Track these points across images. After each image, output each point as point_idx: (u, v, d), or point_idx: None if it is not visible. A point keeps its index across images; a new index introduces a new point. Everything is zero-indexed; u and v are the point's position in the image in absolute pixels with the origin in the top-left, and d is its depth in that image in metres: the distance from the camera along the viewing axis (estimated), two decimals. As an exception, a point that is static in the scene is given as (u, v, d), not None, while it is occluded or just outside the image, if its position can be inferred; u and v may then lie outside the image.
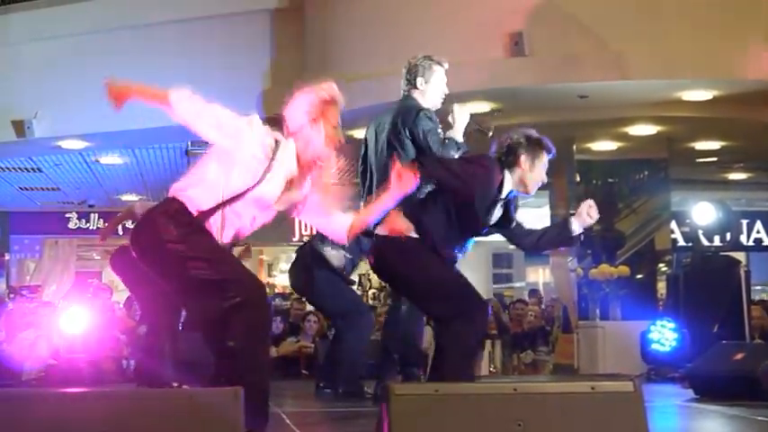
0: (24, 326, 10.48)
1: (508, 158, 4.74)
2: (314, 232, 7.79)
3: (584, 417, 3.17)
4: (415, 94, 5.93)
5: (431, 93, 5.95)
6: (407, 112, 5.82)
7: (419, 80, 5.93)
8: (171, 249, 4.03)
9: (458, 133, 5.80)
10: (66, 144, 11.44)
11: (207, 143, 4.25)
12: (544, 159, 4.78)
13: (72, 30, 10.90)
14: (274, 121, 4.32)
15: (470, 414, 3.11)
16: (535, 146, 4.76)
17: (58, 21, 10.99)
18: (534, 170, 4.75)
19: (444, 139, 5.75)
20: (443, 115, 5.89)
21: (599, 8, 8.94)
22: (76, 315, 8.72)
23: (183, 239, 4.03)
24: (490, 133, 5.94)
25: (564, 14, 8.90)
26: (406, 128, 5.77)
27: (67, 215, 17.59)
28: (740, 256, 13.43)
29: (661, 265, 11.32)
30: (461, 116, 5.85)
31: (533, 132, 4.84)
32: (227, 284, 4.01)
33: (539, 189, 4.93)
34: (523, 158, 4.71)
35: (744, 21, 8.90)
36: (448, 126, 5.85)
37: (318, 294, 6.80)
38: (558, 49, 8.89)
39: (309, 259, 6.69)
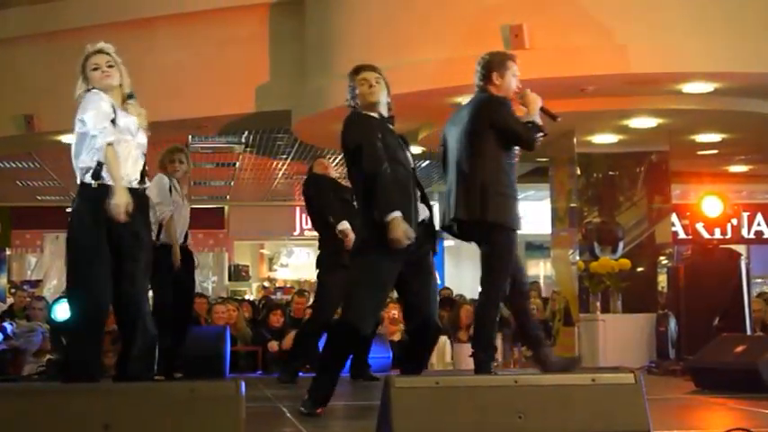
0: (24, 320, 10.52)
1: None
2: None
3: (585, 409, 3.17)
4: (491, 89, 6.12)
5: (505, 87, 6.13)
6: (485, 104, 6.06)
7: (494, 75, 6.11)
8: None
9: (535, 116, 6.04)
10: (68, 138, 11.44)
11: (207, 138, 4.42)
12: None
13: (71, 23, 10.89)
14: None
15: (471, 406, 3.12)
16: None
17: (58, 15, 10.99)
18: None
19: (527, 123, 6.01)
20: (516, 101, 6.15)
21: (600, 0, 8.92)
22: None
23: None
24: (559, 119, 6.27)
25: (564, 7, 8.89)
26: (486, 119, 6.00)
27: (68, 210, 17.60)
28: (741, 248, 13.44)
29: (662, 257, 11.32)
30: (534, 100, 6.08)
31: None
32: None
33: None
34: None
35: (745, 12, 8.88)
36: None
37: None
38: (558, 41, 8.88)
39: None
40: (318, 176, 7.88)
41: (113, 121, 5.16)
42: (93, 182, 5.16)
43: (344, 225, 7.33)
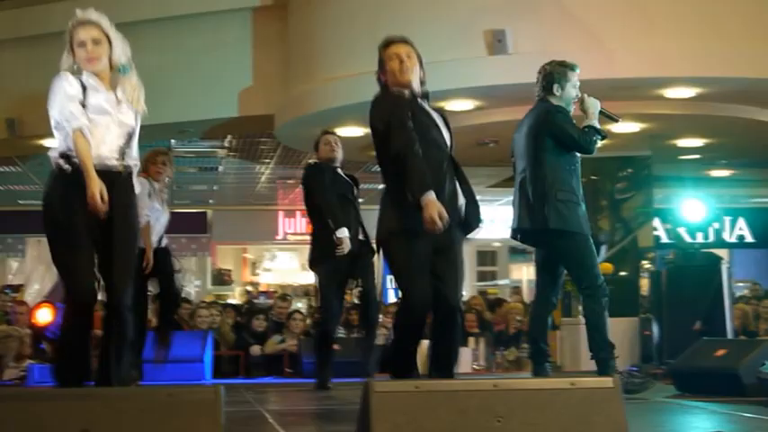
0: (5, 325, 10.47)
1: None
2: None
3: (564, 413, 3.18)
4: (551, 99, 6.25)
5: (565, 98, 6.27)
6: (542, 113, 6.20)
7: (555, 86, 6.25)
8: None
9: (593, 120, 6.17)
10: (50, 142, 11.38)
11: (190, 142, 4.31)
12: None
13: (55, 27, 10.83)
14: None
15: (450, 410, 3.12)
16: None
17: (41, 18, 10.94)
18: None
19: (584, 128, 6.14)
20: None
21: (583, 5, 8.95)
22: (57, 313, 8.70)
23: None
24: (619, 120, 6.46)
25: (546, 12, 8.91)
26: (543, 127, 6.14)
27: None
28: (723, 252, 13.49)
29: (644, 262, 11.35)
30: (593, 104, 6.22)
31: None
32: None
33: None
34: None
35: (727, 18, 8.92)
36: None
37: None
38: (540, 46, 8.89)
39: None
40: (320, 168, 7.49)
41: (83, 102, 4.83)
42: (64, 164, 4.87)
43: (344, 233, 7.12)
